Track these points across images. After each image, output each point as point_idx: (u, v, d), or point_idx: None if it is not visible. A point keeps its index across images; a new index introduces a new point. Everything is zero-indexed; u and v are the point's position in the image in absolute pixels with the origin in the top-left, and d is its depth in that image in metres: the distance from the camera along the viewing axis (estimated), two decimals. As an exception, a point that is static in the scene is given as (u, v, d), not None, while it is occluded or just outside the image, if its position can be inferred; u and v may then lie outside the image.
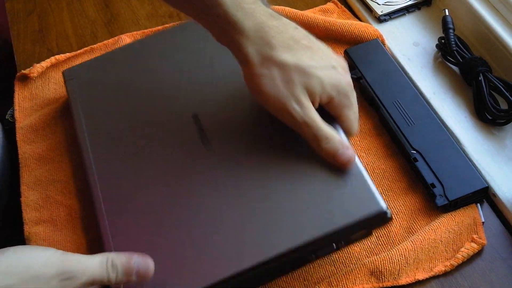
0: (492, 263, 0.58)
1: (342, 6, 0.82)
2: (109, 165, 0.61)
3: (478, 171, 0.63)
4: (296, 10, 0.78)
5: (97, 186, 0.59)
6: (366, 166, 0.65)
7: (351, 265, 0.58)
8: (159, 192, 0.57)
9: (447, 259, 0.58)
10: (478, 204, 0.62)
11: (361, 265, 0.57)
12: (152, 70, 0.67)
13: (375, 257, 0.58)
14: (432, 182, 0.62)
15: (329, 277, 0.57)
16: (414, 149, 0.64)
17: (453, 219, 0.60)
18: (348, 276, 0.57)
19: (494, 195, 0.62)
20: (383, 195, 0.59)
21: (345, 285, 0.56)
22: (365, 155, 0.66)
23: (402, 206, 0.62)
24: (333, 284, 0.57)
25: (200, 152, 0.58)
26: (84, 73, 0.70)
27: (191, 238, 0.53)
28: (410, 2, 0.79)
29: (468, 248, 0.58)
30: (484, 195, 0.62)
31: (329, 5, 0.82)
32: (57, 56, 0.78)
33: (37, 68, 0.76)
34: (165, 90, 0.65)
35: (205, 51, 0.67)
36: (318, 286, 0.57)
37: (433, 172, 0.62)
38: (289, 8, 0.79)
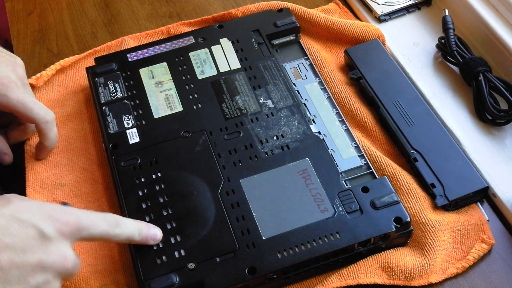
0: (492, 263, 0.58)
1: (344, 7, 0.82)
2: None
3: (478, 171, 0.63)
4: (300, 6, 0.79)
5: None
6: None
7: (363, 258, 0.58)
8: None
9: (458, 260, 0.58)
10: (479, 203, 0.62)
11: (373, 259, 0.57)
12: None
13: (387, 253, 0.58)
14: (432, 182, 0.62)
15: (340, 268, 0.58)
16: (414, 149, 0.64)
17: (459, 219, 0.60)
18: (360, 268, 0.57)
19: (494, 195, 0.62)
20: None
21: (357, 277, 0.57)
22: (365, 155, 0.66)
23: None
24: (344, 275, 0.57)
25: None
26: None
27: None
28: (410, 2, 0.80)
29: (479, 249, 0.58)
30: (484, 195, 0.62)
31: (331, 6, 0.82)
32: (61, 62, 0.77)
33: (44, 77, 0.75)
34: None
35: None
36: (329, 277, 0.57)
37: (433, 172, 0.62)
38: (291, 4, 0.79)
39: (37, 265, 0.46)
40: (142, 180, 0.62)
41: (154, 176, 0.62)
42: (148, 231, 0.56)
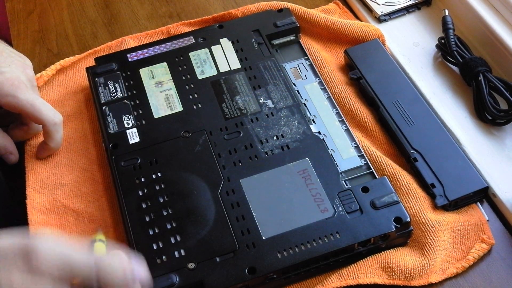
0: (492, 263, 0.58)
1: (344, 7, 0.82)
2: None
3: (478, 171, 0.63)
4: (300, 6, 0.79)
5: None
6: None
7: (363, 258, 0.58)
8: None
9: (457, 260, 0.58)
10: (479, 203, 0.62)
11: (373, 259, 0.57)
12: None
13: (387, 253, 0.58)
14: (432, 182, 0.62)
15: (340, 268, 0.58)
16: (414, 149, 0.64)
17: (459, 219, 0.60)
18: (360, 268, 0.57)
19: (494, 195, 0.62)
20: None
21: (357, 277, 0.57)
22: (365, 155, 0.66)
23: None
24: (344, 275, 0.57)
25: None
26: None
27: None
28: (410, 2, 0.80)
29: (479, 249, 0.58)
30: (484, 195, 0.62)
31: (331, 6, 0.83)
32: (61, 62, 0.77)
33: (44, 77, 0.75)
34: None
35: None
36: (329, 277, 0.57)
37: (433, 172, 0.62)
38: (291, 4, 0.79)
39: None
40: (142, 180, 0.62)
41: (154, 176, 0.62)
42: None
